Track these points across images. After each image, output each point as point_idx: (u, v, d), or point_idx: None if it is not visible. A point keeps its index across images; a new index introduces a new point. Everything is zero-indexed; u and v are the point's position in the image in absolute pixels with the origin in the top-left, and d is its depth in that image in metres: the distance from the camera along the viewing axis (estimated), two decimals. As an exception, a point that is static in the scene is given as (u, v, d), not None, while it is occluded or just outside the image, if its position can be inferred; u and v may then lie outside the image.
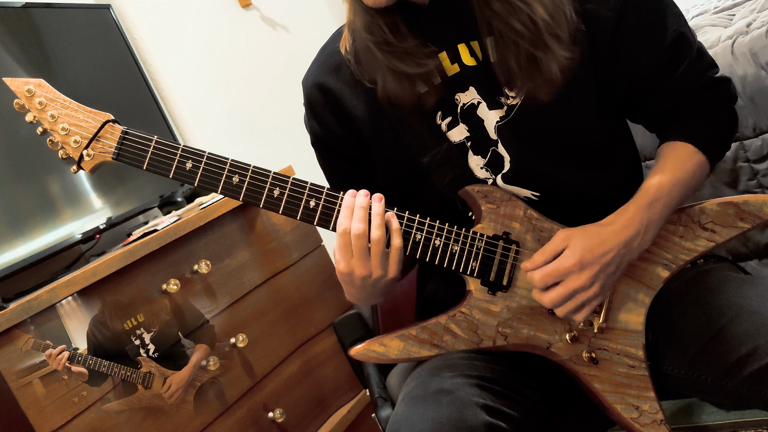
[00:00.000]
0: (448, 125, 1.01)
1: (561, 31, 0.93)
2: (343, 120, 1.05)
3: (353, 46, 1.02)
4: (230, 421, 1.61)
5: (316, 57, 1.09)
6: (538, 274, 0.93)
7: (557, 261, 0.93)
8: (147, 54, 2.22)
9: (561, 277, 0.92)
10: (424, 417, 0.87)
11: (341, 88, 1.04)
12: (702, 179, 1.02)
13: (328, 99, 1.05)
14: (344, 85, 1.04)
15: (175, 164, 0.94)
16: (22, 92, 0.94)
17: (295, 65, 2.63)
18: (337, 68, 1.04)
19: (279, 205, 0.95)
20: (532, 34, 0.92)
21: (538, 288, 0.94)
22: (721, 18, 1.95)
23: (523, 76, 0.95)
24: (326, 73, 1.05)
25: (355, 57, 1.02)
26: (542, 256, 0.94)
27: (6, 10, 1.69)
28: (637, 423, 0.97)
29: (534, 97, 0.96)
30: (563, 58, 0.93)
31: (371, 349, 0.96)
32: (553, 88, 0.95)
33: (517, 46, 0.93)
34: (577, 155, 1.01)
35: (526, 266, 0.95)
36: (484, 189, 0.99)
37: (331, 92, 1.05)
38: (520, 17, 0.92)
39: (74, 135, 0.95)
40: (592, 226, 0.96)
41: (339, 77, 1.04)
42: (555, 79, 0.94)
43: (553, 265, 0.93)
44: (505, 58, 0.95)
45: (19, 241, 1.56)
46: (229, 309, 1.69)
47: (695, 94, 1.03)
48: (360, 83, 1.02)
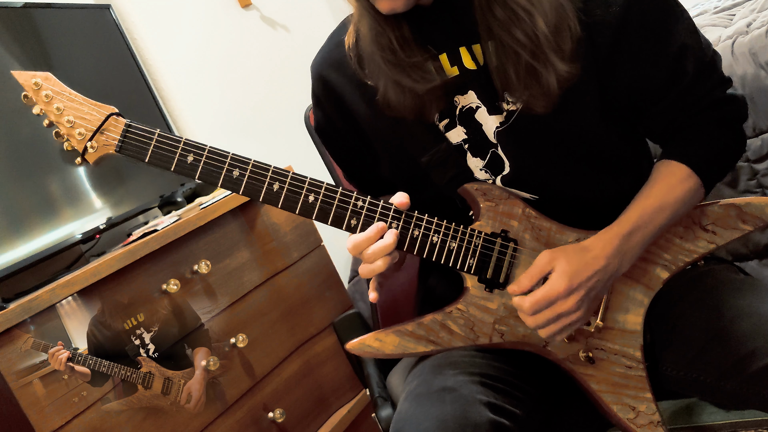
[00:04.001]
0: (446, 127, 1.01)
1: (563, 45, 0.92)
2: (344, 115, 1.07)
3: (356, 47, 1.02)
4: (230, 421, 1.61)
5: (324, 44, 1.10)
6: (528, 302, 0.92)
7: (547, 287, 0.91)
8: (147, 54, 2.22)
9: (550, 304, 0.92)
10: (428, 415, 0.87)
11: (343, 85, 1.05)
12: (693, 203, 1.00)
13: (330, 93, 1.07)
14: (346, 81, 1.05)
15: (176, 157, 0.94)
16: (30, 85, 0.96)
17: (295, 65, 2.64)
18: (339, 62, 1.05)
19: (278, 199, 0.95)
20: (533, 45, 0.91)
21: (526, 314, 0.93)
22: (721, 18, 1.95)
23: (520, 86, 0.94)
24: (329, 66, 1.06)
25: (358, 56, 1.02)
26: (528, 280, 0.93)
27: (6, 10, 1.69)
28: (633, 424, 0.97)
29: (531, 107, 0.95)
30: (563, 71, 0.92)
31: (367, 344, 0.96)
32: (550, 100, 0.93)
33: (517, 55, 0.92)
34: (577, 161, 1.01)
35: (514, 290, 0.94)
36: (483, 187, 0.99)
37: (333, 87, 1.06)
38: (522, 26, 0.91)
39: (79, 127, 0.96)
40: (572, 249, 0.95)
41: (341, 72, 1.05)
42: (552, 93, 0.93)
43: (542, 293, 0.91)
44: (504, 65, 0.94)
45: (19, 241, 1.56)
46: (229, 309, 1.69)
47: (699, 112, 1.00)
48: (361, 81, 1.02)
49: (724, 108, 1.00)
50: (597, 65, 0.97)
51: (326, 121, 1.11)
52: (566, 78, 0.92)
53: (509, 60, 0.93)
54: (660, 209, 0.96)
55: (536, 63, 0.92)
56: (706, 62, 0.98)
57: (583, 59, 0.94)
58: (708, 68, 0.99)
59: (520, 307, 0.93)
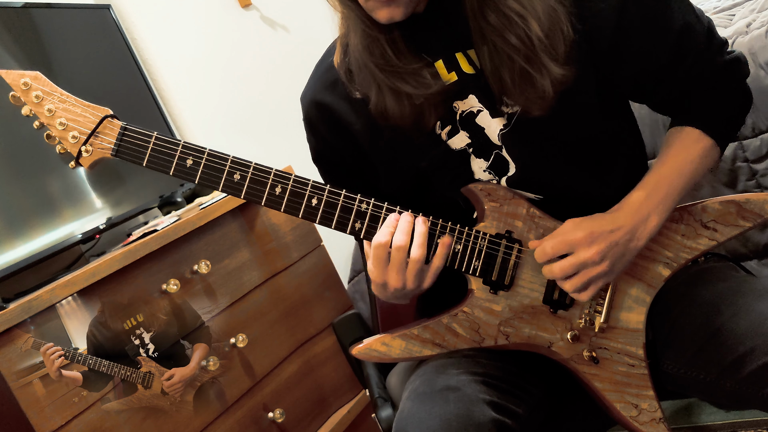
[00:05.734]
0: (449, 134, 1.00)
1: (556, 49, 0.92)
2: (341, 134, 1.05)
3: (345, 62, 1.01)
4: (230, 421, 1.61)
5: (313, 72, 1.08)
6: (549, 243, 0.93)
7: (566, 235, 0.93)
8: (147, 54, 2.22)
9: (572, 248, 0.92)
10: (431, 414, 0.87)
11: (338, 104, 1.03)
12: (709, 164, 1.01)
13: (326, 115, 1.05)
14: (341, 100, 1.03)
15: (175, 161, 0.93)
16: (18, 85, 0.92)
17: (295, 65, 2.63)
18: (333, 84, 1.03)
19: (281, 203, 0.94)
20: (527, 49, 0.91)
21: (549, 256, 0.93)
22: (720, 18, 1.95)
23: (516, 90, 0.94)
24: (322, 89, 1.05)
25: (346, 71, 1.00)
26: (552, 238, 0.95)
27: (6, 10, 1.69)
28: (636, 421, 0.97)
29: (528, 111, 0.95)
30: (558, 74, 0.92)
31: (373, 348, 0.96)
32: (546, 103, 0.94)
33: (511, 60, 0.92)
34: (582, 159, 1.01)
35: (534, 244, 0.95)
36: (488, 187, 0.99)
37: (329, 108, 1.04)
38: (515, 31, 0.91)
39: (72, 130, 0.93)
40: (597, 214, 0.96)
41: (335, 93, 1.03)
42: (547, 96, 0.93)
43: (561, 237, 0.93)
44: (499, 69, 0.93)
45: (19, 241, 1.56)
46: (229, 309, 1.69)
47: (707, 79, 1.01)
48: (353, 97, 1.00)
49: (728, 70, 1.02)
50: (595, 63, 0.97)
51: (322, 145, 1.08)
52: (561, 81, 0.92)
53: (504, 65, 0.93)
54: (679, 170, 0.98)
55: (530, 67, 0.92)
56: (705, 32, 1.00)
57: (578, 61, 0.94)
58: (708, 37, 1.00)
59: (543, 251, 0.94)
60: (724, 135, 1.02)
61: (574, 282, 0.93)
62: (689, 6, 0.99)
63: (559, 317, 0.98)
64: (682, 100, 1.03)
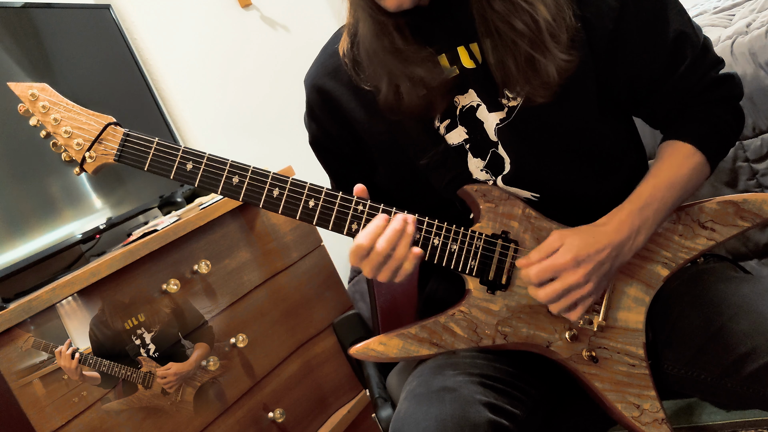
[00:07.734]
0: (447, 128, 1.01)
1: (560, 34, 0.93)
2: (340, 122, 1.06)
3: (352, 51, 1.02)
4: (230, 421, 1.61)
5: (317, 57, 1.09)
6: (534, 270, 0.93)
7: (553, 257, 0.93)
8: (147, 54, 2.22)
9: (557, 273, 0.92)
10: (427, 415, 0.87)
11: (339, 91, 1.04)
12: (700, 180, 1.02)
13: (326, 101, 1.06)
14: (343, 87, 1.04)
15: (175, 165, 0.95)
16: (26, 96, 0.96)
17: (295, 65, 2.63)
18: (335, 70, 1.05)
19: (278, 205, 0.95)
20: (532, 34, 0.92)
21: (533, 284, 0.94)
22: (720, 18, 1.95)
23: (520, 77, 0.94)
24: (325, 74, 1.06)
25: (353, 61, 1.01)
26: (538, 254, 0.95)
27: (6, 10, 1.69)
28: (638, 422, 0.97)
29: (532, 99, 0.96)
30: (561, 60, 0.93)
31: (371, 348, 0.96)
32: (550, 90, 0.94)
33: (516, 45, 0.93)
34: (578, 157, 1.01)
35: (522, 263, 0.96)
36: (483, 188, 0.99)
37: (329, 95, 1.05)
38: (522, 16, 0.91)
39: (77, 138, 0.96)
40: (585, 227, 0.96)
41: (337, 80, 1.04)
42: (552, 82, 0.93)
43: (549, 261, 0.93)
44: (503, 59, 0.94)
45: (19, 241, 1.57)
46: (229, 309, 1.69)
47: (698, 94, 1.02)
48: (358, 86, 1.01)
49: (720, 87, 1.03)
50: (594, 58, 0.98)
51: (321, 131, 1.10)
52: (565, 67, 0.93)
53: (508, 52, 0.93)
54: (670, 185, 0.98)
55: (535, 52, 0.92)
56: (700, 46, 1.01)
57: (580, 51, 0.95)
58: (702, 51, 1.01)
59: (528, 277, 0.94)
60: (715, 153, 1.02)
61: (560, 305, 0.93)
62: (687, 19, 1.00)
63: (557, 317, 0.98)
64: (675, 113, 1.03)
